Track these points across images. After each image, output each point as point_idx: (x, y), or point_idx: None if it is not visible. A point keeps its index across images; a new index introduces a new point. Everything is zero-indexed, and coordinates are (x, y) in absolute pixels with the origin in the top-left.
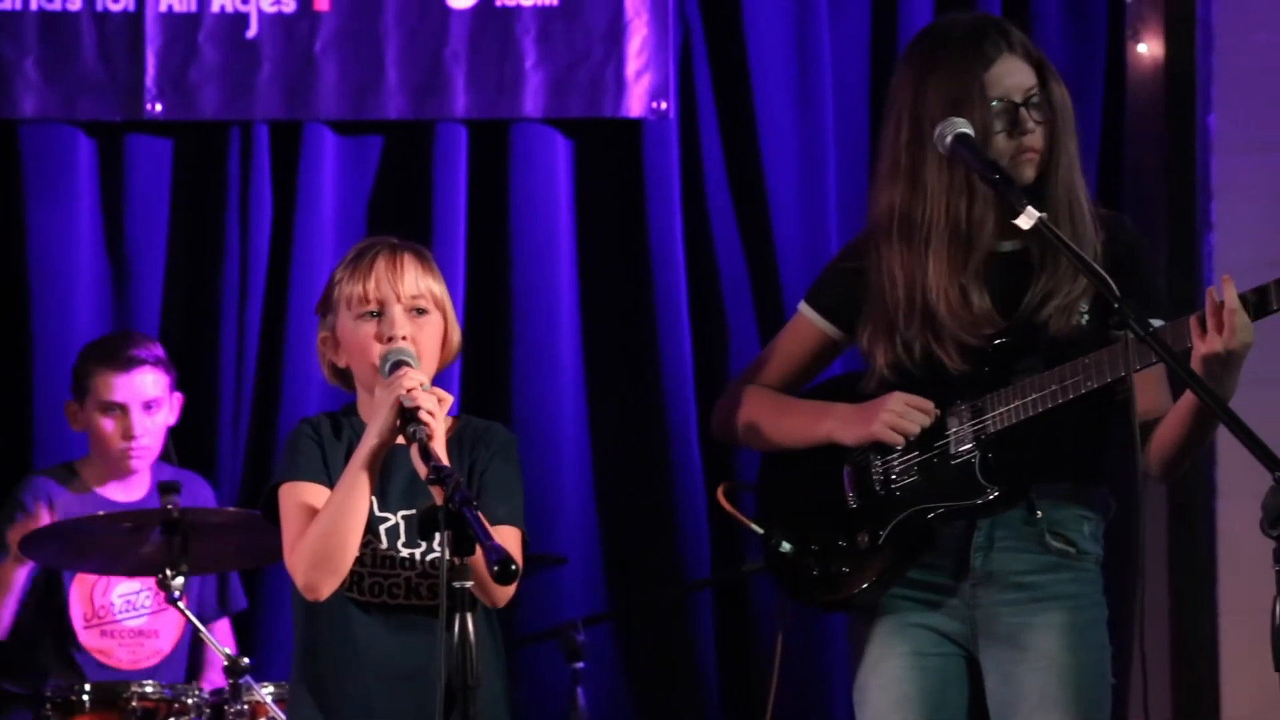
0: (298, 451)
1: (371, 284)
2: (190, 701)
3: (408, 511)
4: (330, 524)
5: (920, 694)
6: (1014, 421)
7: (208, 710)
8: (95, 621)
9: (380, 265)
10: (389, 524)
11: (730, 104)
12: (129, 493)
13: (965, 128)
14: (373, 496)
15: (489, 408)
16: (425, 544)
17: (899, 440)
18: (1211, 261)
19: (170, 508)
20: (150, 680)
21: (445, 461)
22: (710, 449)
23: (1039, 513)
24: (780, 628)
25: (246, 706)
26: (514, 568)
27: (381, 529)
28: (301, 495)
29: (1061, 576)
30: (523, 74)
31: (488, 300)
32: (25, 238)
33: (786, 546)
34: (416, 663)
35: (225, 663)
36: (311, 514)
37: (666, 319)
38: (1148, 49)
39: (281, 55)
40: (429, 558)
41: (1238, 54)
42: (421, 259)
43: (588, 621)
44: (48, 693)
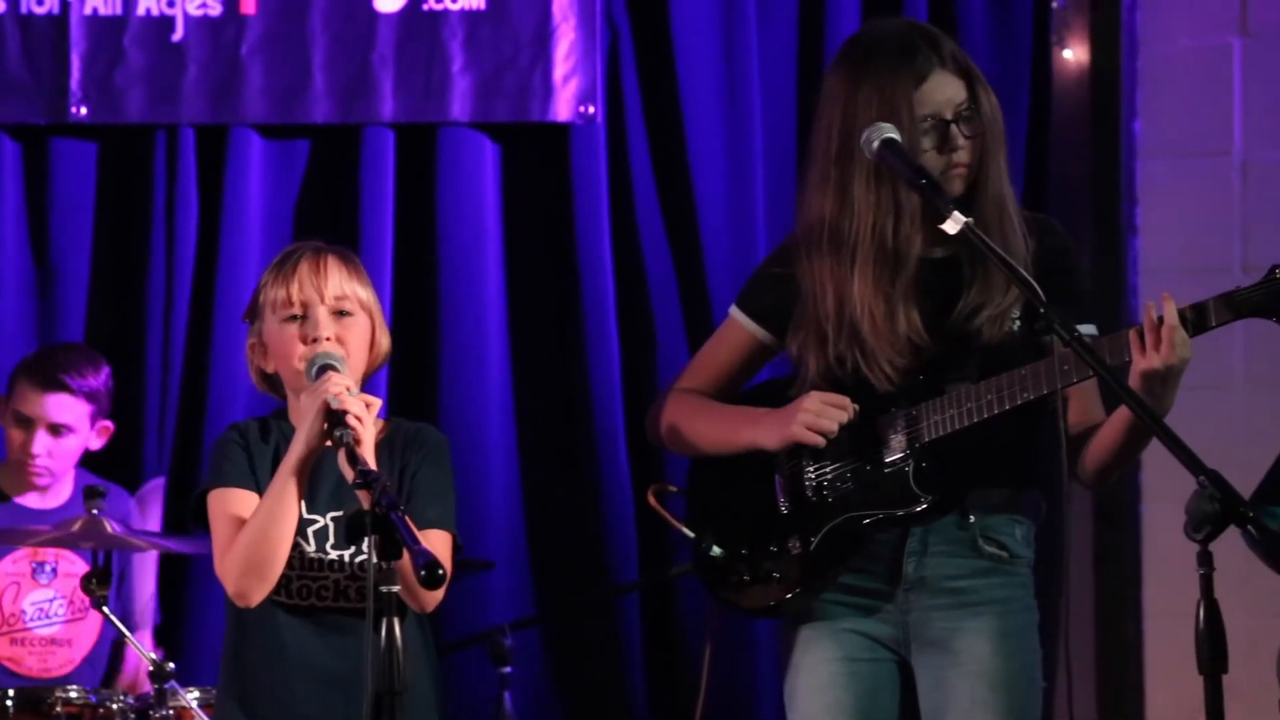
0: (224, 457)
1: (295, 287)
2: (115, 707)
3: (336, 513)
4: (260, 531)
5: (852, 699)
6: (948, 431)
7: (132, 716)
8: (5, 629)
9: (304, 268)
10: (317, 526)
11: (658, 108)
12: (47, 500)
13: (892, 133)
14: (301, 499)
15: (416, 410)
16: (354, 546)
17: (819, 440)
18: (1136, 265)
19: (95, 512)
20: (75, 685)
21: (373, 465)
22: (638, 451)
23: (972, 518)
24: (709, 632)
25: (172, 712)
26: (440, 572)
27: (310, 531)
28: (229, 502)
29: (993, 581)
30: (450, 78)
31: (415, 303)
32: None
33: (717, 550)
34: (344, 666)
35: (150, 667)
36: (240, 521)
37: (594, 322)
38: (1073, 55)
39: (208, 58)
40: (358, 560)
41: (1162, 60)
42: (347, 262)
43: (515, 626)
44: None
